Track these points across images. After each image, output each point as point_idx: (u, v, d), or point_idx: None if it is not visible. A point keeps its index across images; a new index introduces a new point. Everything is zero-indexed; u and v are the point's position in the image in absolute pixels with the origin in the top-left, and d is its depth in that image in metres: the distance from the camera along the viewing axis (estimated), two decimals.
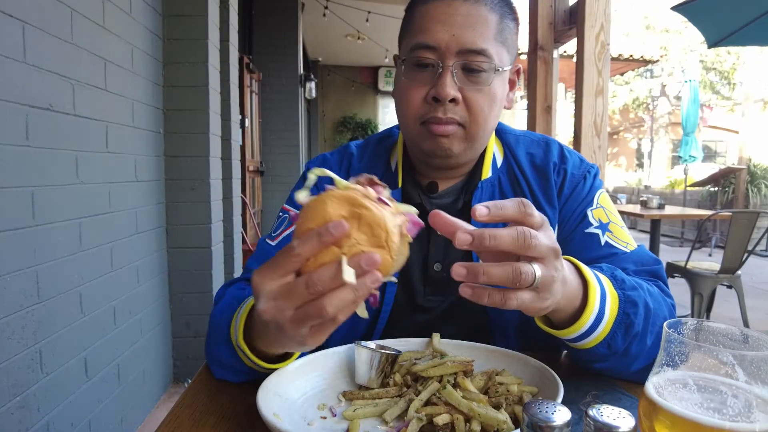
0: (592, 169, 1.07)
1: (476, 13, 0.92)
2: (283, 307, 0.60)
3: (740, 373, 0.48)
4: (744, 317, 4.05)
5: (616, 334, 0.77)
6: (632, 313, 0.78)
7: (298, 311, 0.60)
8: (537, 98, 3.46)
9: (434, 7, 0.94)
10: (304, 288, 0.58)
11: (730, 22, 4.54)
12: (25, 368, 1.70)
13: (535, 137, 1.12)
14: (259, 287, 0.62)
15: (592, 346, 0.77)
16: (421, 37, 0.93)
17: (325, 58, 12.26)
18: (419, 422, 0.67)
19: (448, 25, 0.91)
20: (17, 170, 1.67)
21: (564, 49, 3.91)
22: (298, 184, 1.09)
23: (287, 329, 0.61)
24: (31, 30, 1.71)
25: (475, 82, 0.94)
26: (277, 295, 0.60)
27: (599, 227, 1.00)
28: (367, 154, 1.13)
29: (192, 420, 0.73)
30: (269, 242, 1.06)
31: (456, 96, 0.93)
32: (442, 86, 0.92)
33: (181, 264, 3.06)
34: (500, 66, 0.94)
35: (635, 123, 21.42)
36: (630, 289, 0.80)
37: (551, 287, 0.66)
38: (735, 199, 10.22)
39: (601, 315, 0.75)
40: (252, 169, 6.30)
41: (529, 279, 0.63)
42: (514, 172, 1.07)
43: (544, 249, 0.64)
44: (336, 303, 0.58)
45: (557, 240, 0.78)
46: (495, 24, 0.93)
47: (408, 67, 0.96)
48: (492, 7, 0.94)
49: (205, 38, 2.98)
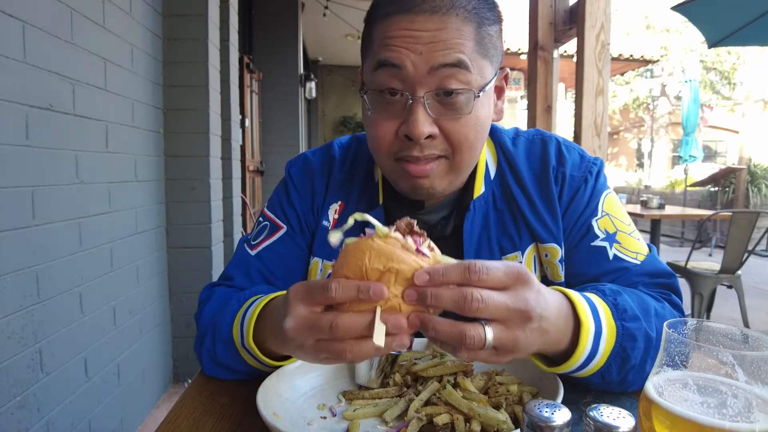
0: (594, 168, 0.97)
1: (446, 26, 0.77)
2: (308, 335, 0.62)
3: (740, 373, 0.48)
4: (744, 317, 4.05)
5: (611, 367, 0.74)
6: (629, 347, 0.74)
7: (318, 342, 0.62)
8: (537, 98, 3.46)
9: (396, 23, 0.79)
10: (328, 328, 0.59)
11: (730, 22, 4.54)
12: (25, 368, 1.70)
13: (529, 136, 1.02)
14: (291, 303, 0.63)
15: (585, 377, 0.75)
16: (384, 54, 0.79)
17: (325, 58, 12.26)
18: (419, 422, 0.67)
19: (413, 41, 0.77)
20: (17, 170, 1.67)
21: (564, 49, 3.91)
22: (280, 188, 1.06)
23: (307, 351, 0.64)
24: (31, 30, 1.71)
25: (453, 109, 0.80)
26: (305, 321, 0.62)
27: (606, 239, 0.92)
28: (349, 161, 1.04)
29: (192, 420, 0.73)
30: (249, 251, 1.01)
31: (432, 132, 0.80)
32: (415, 123, 0.78)
33: (181, 264, 3.06)
34: (482, 83, 0.81)
35: (635, 123, 21.42)
36: (630, 319, 0.75)
37: (514, 349, 0.62)
38: (735, 199, 10.22)
39: (594, 352, 0.72)
40: (252, 169, 6.30)
41: (477, 343, 0.59)
42: (508, 185, 0.97)
43: (498, 311, 0.59)
44: (356, 351, 0.60)
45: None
46: (471, 35, 0.79)
47: (373, 96, 0.82)
48: (466, 16, 0.79)
49: (205, 38, 2.98)
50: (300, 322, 0.62)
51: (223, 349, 0.83)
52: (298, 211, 1.02)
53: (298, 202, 1.03)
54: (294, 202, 1.03)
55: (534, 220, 0.94)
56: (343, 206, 1.00)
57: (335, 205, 1.01)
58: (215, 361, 0.85)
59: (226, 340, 0.83)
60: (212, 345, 0.85)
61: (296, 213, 1.02)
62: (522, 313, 0.61)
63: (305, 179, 1.04)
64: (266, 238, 1.01)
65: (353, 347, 0.59)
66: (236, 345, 0.81)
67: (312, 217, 1.02)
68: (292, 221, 1.02)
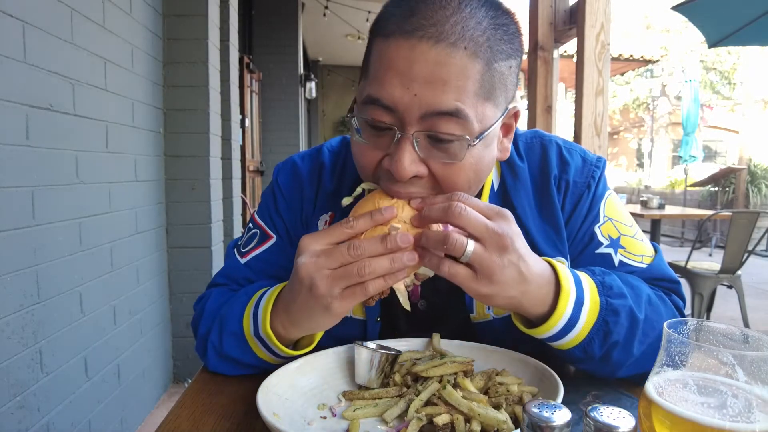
0: (596, 171, 0.94)
1: (449, 61, 0.68)
2: (323, 265, 0.68)
3: (740, 374, 0.48)
4: (744, 317, 4.05)
5: (593, 341, 0.76)
6: (612, 321, 0.76)
7: (335, 271, 0.67)
8: (537, 98, 3.46)
9: (395, 49, 0.70)
10: (346, 250, 0.67)
11: (730, 22, 4.54)
12: (25, 368, 1.70)
13: (527, 140, 0.97)
14: (305, 246, 0.70)
15: (567, 348, 0.77)
16: (375, 89, 0.72)
17: (325, 58, 12.26)
18: (419, 422, 0.67)
19: (409, 79, 0.69)
20: (17, 170, 1.67)
21: (564, 49, 3.91)
22: (268, 193, 1.04)
23: (319, 287, 0.68)
24: (31, 30, 1.71)
25: (444, 153, 0.73)
26: (320, 253, 0.68)
27: (610, 245, 0.91)
28: (339, 169, 1.00)
29: (192, 420, 0.73)
30: (238, 258, 0.99)
31: (419, 171, 0.73)
32: (399, 162, 0.71)
33: (181, 264, 3.07)
34: (481, 129, 0.72)
35: (635, 123, 21.42)
36: (616, 296, 0.77)
37: (492, 273, 0.67)
38: (735, 199, 10.22)
39: (574, 320, 0.74)
40: (252, 169, 6.30)
41: (458, 248, 0.66)
42: (509, 196, 0.93)
43: (477, 226, 0.67)
44: (374, 266, 0.66)
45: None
46: (477, 75, 0.70)
47: (362, 122, 0.76)
48: (475, 50, 0.69)
49: (205, 38, 2.98)
50: (317, 254, 0.68)
51: (231, 341, 0.83)
52: (287, 222, 1.00)
53: (286, 212, 1.00)
54: (282, 213, 1.00)
55: (536, 231, 0.92)
56: (333, 217, 0.98)
57: (325, 216, 0.99)
58: (221, 355, 0.85)
59: (235, 332, 0.83)
60: (219, 339, 0.85)
61: (284, 223, 1.00)
62: (499, 237, 0.67)
63: (293, 189, 1.01)
64: (256, 247, 0.99)
65: (371, 261, 0.66)
66: (246, 336, 0.82)
67: (301, 227, 1.00)
68: (281, 231, 1.00)
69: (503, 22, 0.74)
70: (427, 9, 0.69)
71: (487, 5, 0.72)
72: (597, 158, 0.96)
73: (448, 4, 0.70)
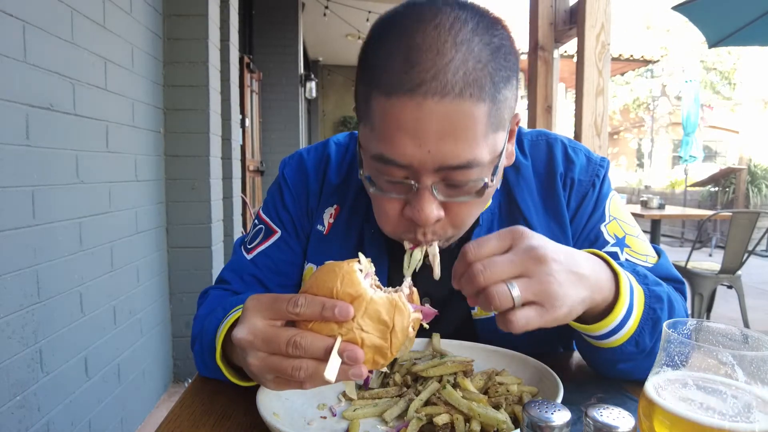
0: (601, 170, 0.95)
1: (458, 112, 0.66)
2: (258, 347, 0.60)
3: (740, 374, 0.48)
4: (744, 317, 4.05)
5: (644, 330, 0.73)
6: (658, 308, 0.74)
7: (270, 357, 0.59)
8: (537, 98, 3.46)
9: (400, 109, 0.67)
10: (284, 345, 0.57)
11: (730, 22, 4.54)
12: (25, 368, 1.70)
13: (533, 138, 0.98)
14: (247, 315, 0.61)
15: (620, 344, 0.73)
16: (387, 149, 0.70)
17: (325, 58, 12.26)
18: (419, 422, 0.67)
19: (420, 138, 0.67)
20: (17, 170, 1.67)
21: (564, 49, 3.91)
22: (274, 188, 1.04)
23: (251, 365, 0.60)
24: (31, 30, 1.71)
25: (462, 194, 0.74)
26: (258, 333, 0.59)
27: (617, 244, 0.91)
28: (345, 163, 1.01)
29: (192, 420, 0.73)
30: (245, 254, 1.00)
31: (439, 215, 0.74)
32: (422, 212, 0.72)
33: (181, 264, 3.07)
34: (495, 160, 0.74)
35: (635, 123, 21.41)
36: (653, 284, 0.76)
37: (550, 290, 0.61)
38: (735, 199, 10.23)
39: (630, 309, 0.71)
40: (252, 168, 6.30)
41: (505, 300, 0.60)
42: (513, 194, 0.94)
43: (506, 267, 0.61)
44: (311, 372, 0.57)
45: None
46: (485, 115, 0.68)
47: (374, 175, 0.75)
48: (480, 95, 0.67)
49: (205, 38, 2.98)
50: (254, 333, 0.59)
51: (209, 356, 0.81)
52: (293, 215, 1.01)
53: (292, 205, 1.01)
54: (288, 206, 1.01)
55: (540, 227, 0.92)
56: (338, 210, 0.98)
57: (330, 209, 0.99)
58: (207, 366, 0.84)
59: (210, 347, 0.80)
60: (201, 350, 0.85)
61: (290, 216, 1.01)
62: (530, 254, 0.61)
63: (299, 181, 1.01)
64: (261, 243, 1.00)
65: (309, 367, 0.56)
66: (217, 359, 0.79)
67: (306, 221, 1.01)
68: (287, 225, 1.00)
69: (498, 43, 0.69)
70: (425, 59, 0.65)
71: (479, 30, 0.68)
72: (601, 158, 0.97)
73: (443, 46, 0.65)
